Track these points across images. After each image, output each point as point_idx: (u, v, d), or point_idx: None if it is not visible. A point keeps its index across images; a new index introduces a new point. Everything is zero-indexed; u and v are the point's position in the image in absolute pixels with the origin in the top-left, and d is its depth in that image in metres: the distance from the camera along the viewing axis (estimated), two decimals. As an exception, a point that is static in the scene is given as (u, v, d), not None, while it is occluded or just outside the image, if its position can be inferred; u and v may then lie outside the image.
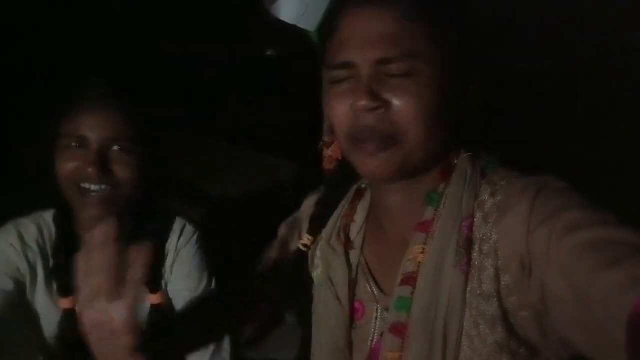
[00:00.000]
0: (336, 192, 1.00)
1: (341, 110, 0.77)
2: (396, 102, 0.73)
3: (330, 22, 0.80)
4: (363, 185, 0.98)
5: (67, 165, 1.14)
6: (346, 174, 0.99)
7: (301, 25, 1.15)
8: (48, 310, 1.20)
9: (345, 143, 0.79)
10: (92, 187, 1.14)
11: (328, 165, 1.25)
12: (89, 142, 1.13)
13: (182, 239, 1.32)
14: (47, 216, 1.24)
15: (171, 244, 1.30)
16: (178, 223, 1.33)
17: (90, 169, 1.13)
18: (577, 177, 0.71)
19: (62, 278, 1.20)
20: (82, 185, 1.15)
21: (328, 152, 1.28)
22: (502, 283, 0.71)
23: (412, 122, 0.73)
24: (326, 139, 1.33)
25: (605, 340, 0.57)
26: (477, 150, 0.82)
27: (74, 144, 1.14)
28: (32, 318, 1.21)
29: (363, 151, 0.76)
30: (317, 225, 0.97)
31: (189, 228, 1.33)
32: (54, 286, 1.21)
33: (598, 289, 0.58)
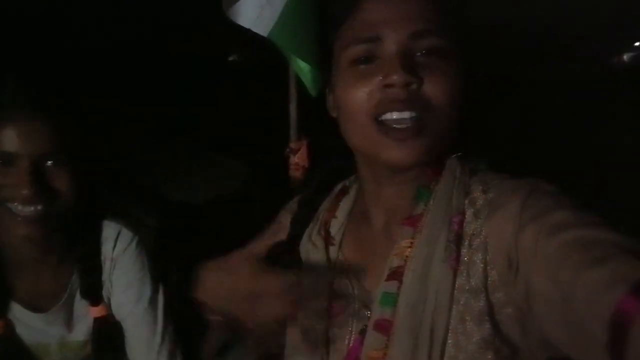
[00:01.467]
0: (318, 193, 0.99)
1: (365, 89, 0.73)
2: (429, 79, 0.70)
3: (344, 4, 0.77)
4: (347, 183, 0.97)
5: None
6: (330, 175, 0.99)
7: (256, 30, 1.15)
8: None
9: (368, 125, 0.75)
10: (25, 209, 1.01)
11: (295, 172, 1.26)
12: (18, 159, 0.97)
13: (118, 246, 1.17)
14: None
15: (107, 252, 1.17)
16: (112, 229, 1.19)
17: (24, 191, 0.96)
18: (566, 181, 0.73)
19: None
20: (10, 206, 1.02)
21: (294, 159, 1.29)
22: (490, 278, 0.70)
23: (444, 101, 0.70)
24: (293, 145, 1.33)
25: (588, 339, 0.57)
26: (466, 152, 0.82)
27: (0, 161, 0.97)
28: None
29: (391, 137, 0.73)
30: (297, 228, 0.97)
31: (126, 234, 1.20)
32: None
33: (581, 288, 0.57)
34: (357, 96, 0.73)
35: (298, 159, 1.23)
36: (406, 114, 0.70)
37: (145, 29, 1.97)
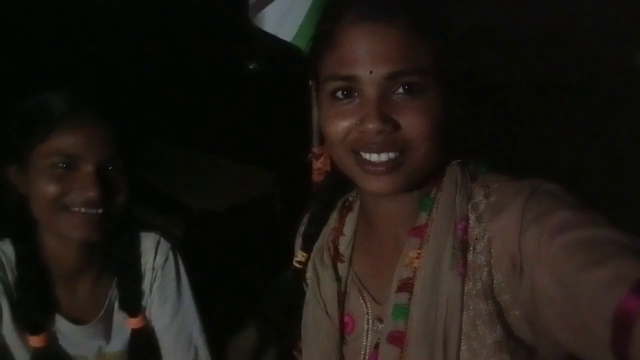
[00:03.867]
0: (325, 206, 0.99)
1: (344, 125, 0.75)
2: (405, 122, 0.71)
3: (326, 35, 0.78)
4: (350, 198, 0.97)
5: (53, 187, 0.99)
6: (335, 186, 0.99)
7: (280, 35, 1.17)
8: (18, 349, 1.06)
9: (346, 157, 0.77)
10: (85, 210, 0.99)
11: (317, 177, 1.26)
12: (83, 163, 0.99)
13: (158, 256, 1.18)
14: (5, 246, 1.09)
15: (147, 262, 1.18)
16: (151, 240, 1.20)
17: (90, 193, 0.98)
18: (568, 182, 0.72)
19: (29, 314, 1.05)
20: (70, 208, 1.00)
21: (317, 164, 1.29)
22: (495, 281, 0.71)
23: (420, 140, 0.72)
24: (315, 150, 1.34)
25: (592, 338, 0.57)
26: (466, 157, 0.82)
27: (61, 164, 0.99)
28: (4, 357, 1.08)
29: (368, 171, 0.75)
30: (309, 241, 0.97)
31: (164, 244, 1.21)
32: (21, 323, 1.06)
33: (585, 287, 0.58)
34: (336, 131, 0.74)
35: (320, 164, 1.23)
36: (383, 156, 0.71)
37: (168, 39, 2.01)
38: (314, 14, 1.09)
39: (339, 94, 0.74)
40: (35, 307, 1.04)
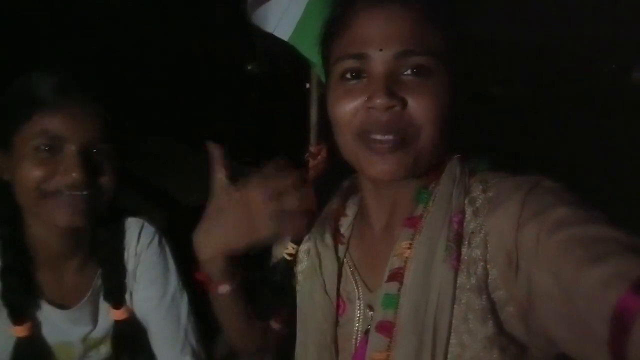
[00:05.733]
0: (321, 198, 1.00)
1: (352, 106, 0.75)
2: (412, 101, 0.71)
3: (339, 19, 0.79)
4: (355, 180, 0.98)
5: (37, 171, 0.97)
6: (331, 182, 1.00)
7: (278, 34, 1.18)
8: (1, 337, 1.04)
9: (352, 140, 0.77)
10: (73, 193, 1.02)
11: (314, 175, 1.27)
12: (66, 144, 0.98)
13: (141, 240, 1.15)
14: None
15: (130, 247, 1.15)
16: (135, 224, 1.16)
17: (73, 174, 1.00)
18: (569, 180, 0.73)
19: (14, 302, 1.04)
20: (57, 190, 1.03)
21: (314, 163, 1.29)
22: (490, 276, 0.70)
23: (427, 121, 0.72)
24: (312, 149, 1.34)
25: (589, 336, 0.57)
26: (466, 153, 0.83)
27: (44, 147, 0.97)
28: None
29: (374, 150, 0.75)
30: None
31: (148, 228, 1.17)
32: (4, 312, 1.04)
33: (583, 285, 0.57)
34: (344, 111, 0.74)
35: (317, 162, 1.24)
36: (389, 137, 0.72)
37: (168, 37, 2.01)
38: (310, 14, 1.10)
39: (348, 75, 0.74)
40: (20, 294, 1.02)
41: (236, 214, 0.81)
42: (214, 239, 0.86)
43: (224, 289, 0.88)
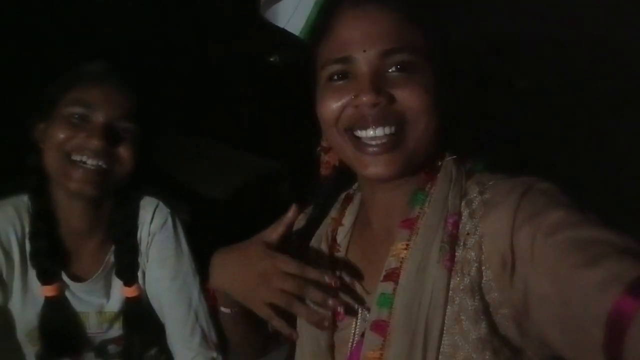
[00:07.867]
0: (327, 199, 1.01)
1: (339, 104, 0.77)
2: (399, 94, 0.73)
3: (322, 23, 0.81)
4: (352, 191, 0.99)
5: (64, 133, 1.07)
6: (339, 180, 1.00)
7: (289, 29, 1.19)
8: (25, 299, 1.11)
9: (341, 139, 0.79)
10: (89, 161, 1.09)
11: (325, 170, 1.26)
12: (95, 114, 1.08)
13: (155, 220, 1.20)
14: (23, 199, 1.15)
15: (144, 227, 1.20)
16: (149, 203, 1.22)
17: (95, 141, 1.05)
18: (566, 182, 0.72)
19: (43, 264, 1.12)
20: (75, 157, 1.07)
21: (325, 158, 1.29)
22: (484, 278, 0.71)
23: (415, 114, 0.74)
24: (324, 144, 1.34)
25: (584, 339, 0.57)
26: (463, 154, 0.83)
27: (76, 114, 1.08)
28: (5, 307, 1.11)
29: (365, 152, 0.76)
30: (309, 228, 0.99)
31: (162, 209, 1.22)
32: (32, 273, 1.12)
33: (578, 287, 0.58)
34: (331, 109, 0.76)
35: (329, 157, 1.23)
36: (379, 131, 0.73)
37: (184, 29, 2.02)
38: (318, 7, 1.10)
39: (335, 77, 0.76)
40: (48, 257, 1.10)
41: (249, 274, 0.83)
42: (224, 277, 0.88)
43: (225, 310, 0.91)
